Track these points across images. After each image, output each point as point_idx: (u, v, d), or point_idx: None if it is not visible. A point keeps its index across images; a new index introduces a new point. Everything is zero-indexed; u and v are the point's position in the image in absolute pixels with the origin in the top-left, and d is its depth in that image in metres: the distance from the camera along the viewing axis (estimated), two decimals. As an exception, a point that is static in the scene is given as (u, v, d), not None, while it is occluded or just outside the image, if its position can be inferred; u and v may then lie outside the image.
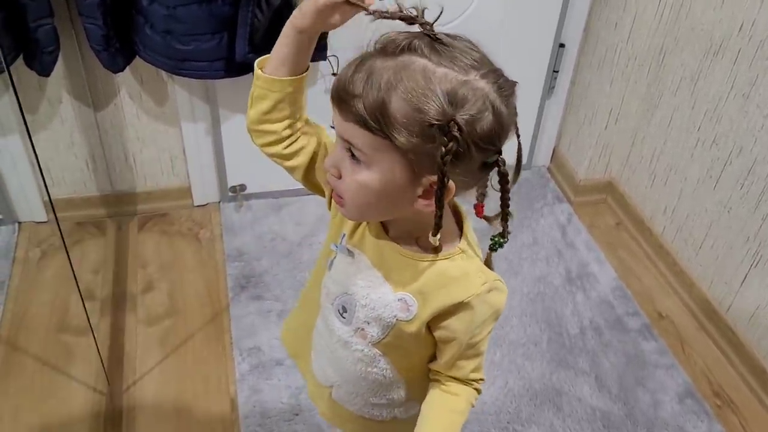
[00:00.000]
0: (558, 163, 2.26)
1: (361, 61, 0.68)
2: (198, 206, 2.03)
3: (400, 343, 0.82)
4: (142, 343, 1.63)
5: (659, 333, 1.76)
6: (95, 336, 1.45)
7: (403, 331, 0.80)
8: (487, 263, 0.81)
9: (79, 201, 1.92)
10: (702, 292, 1.79)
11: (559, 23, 1.96)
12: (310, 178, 0.84)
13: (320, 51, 1.70)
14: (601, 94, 1.98)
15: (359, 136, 0.68)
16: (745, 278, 1.65)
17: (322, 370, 0.94)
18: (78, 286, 1.36)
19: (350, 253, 0.82)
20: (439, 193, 0.68)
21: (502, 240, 0.78)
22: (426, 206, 0.70)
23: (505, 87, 0.69)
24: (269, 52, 0.76)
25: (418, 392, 0.89)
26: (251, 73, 1.77)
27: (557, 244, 2.00)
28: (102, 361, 1.47)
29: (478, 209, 0.77)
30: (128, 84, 1.76)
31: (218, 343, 1.64)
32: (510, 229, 0.76)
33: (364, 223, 0.81)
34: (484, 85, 0.66)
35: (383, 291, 0.80)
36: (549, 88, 2.10)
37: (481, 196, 0.77)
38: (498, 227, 0.77)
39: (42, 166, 1.83)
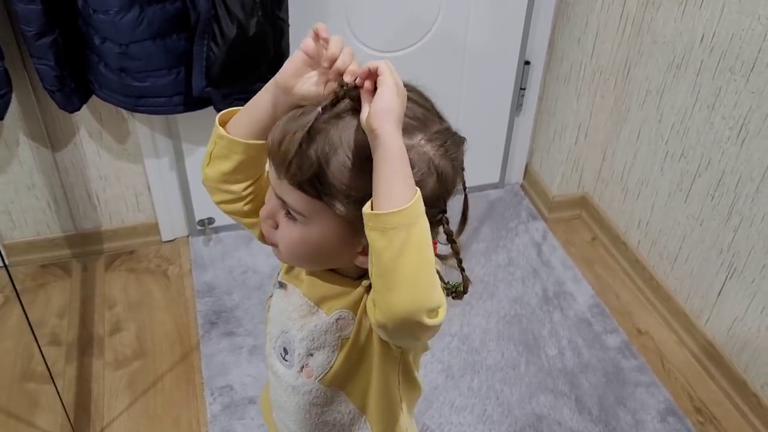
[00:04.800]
0: (531, 180, 2.24)
1: (301, 114, 0.65)
2: (166, 242, 1.99)
3: (349, 367, 0.78)
4: (109, 387, 1.58)
5: (639, 349, 1.73)
6: (56, 385, 1.40)
7: (351, 350, 0.76)
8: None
9: (42, 243, 1.87)
10: (679, 305, 1.77)
11: (523, 41, 1.95)
12: None
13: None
14: (569, 109, 1.97)
15: (295, 198, 0.66)
16: (721, 290, 1.63)
17: (285, 427, 0.90)
18: (34, 334, 1.31)
19: (283, 285, 0.80)
20: None
21: (460, 290, 0.72)
22: (366, 262, 0.67)
23: (452, 148, 0.66)
24: (227, 86, 0.72)
25: None
26: (212, 107, 1.75)
27: (533, 263, 1.98)
28: (65, 409, 1.43)
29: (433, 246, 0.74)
30: (87, 122, 1.73)
31: (188, 383, 1.60)
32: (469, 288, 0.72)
33: None
34: (429, 149, 0.64)
35: (317, 318, 0.77)
36: (517, 106, 2.09)
37: (434, 233, 0.74)
38: (452, 266, 0.74)
39: (2, 210, 1.79)
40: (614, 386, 1.63)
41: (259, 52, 1.56)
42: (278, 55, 1.61)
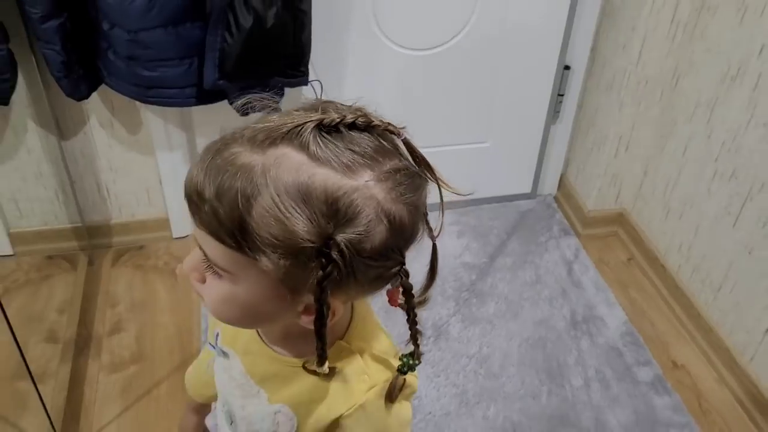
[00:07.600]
0: (565, 193, 2.10)
1: (219, 149, 0.52)
2: (177, 238, 1.91)
3: None
4: (102, 391, 1.50)
5: (673, 385, 1.59)
6: (43, 386, 1.32)
7: None
8: (391, 390, 0.63)
9: (49, 233, 1.80)
10: (721, 339, 1.62)
11: (564, 44, 1.81)
12: None
13: (301, 76, 1.58)
14: (610, 119, 1.83)
15: (215, 250, 0.53)
16: (768, 327, 1.48)
17: None
18: (13, 332, 1.24)
19: (224, 354, 0.70)
20: (319, 323, 0.54)
21: (413, 362, 0.62)
22: (311, 323, 0.55)
23: (408, 190, 0.53)
24: (241, 79, 0.60)
25: None
26: (226, 100, 1.65)
27: (562, 282, 1.84)
28: (48, 415, 1.34)
29: (391, 297, 0.60)
30: (98, 111, 1.65)
31: (186, 393, 1.50)
32: (422, 350, 0.62)
33: None
34: (378, 191, 0.51)
35: (259, 402, 0.66)
36: (554, 113, 1.95)
37: (395, 281, 0.59)
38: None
39: (9, 198, 1.72)
40: (645, 425, 1.49)
41: (277, 45, 1.46)
42: (298, 48, 1.51)
